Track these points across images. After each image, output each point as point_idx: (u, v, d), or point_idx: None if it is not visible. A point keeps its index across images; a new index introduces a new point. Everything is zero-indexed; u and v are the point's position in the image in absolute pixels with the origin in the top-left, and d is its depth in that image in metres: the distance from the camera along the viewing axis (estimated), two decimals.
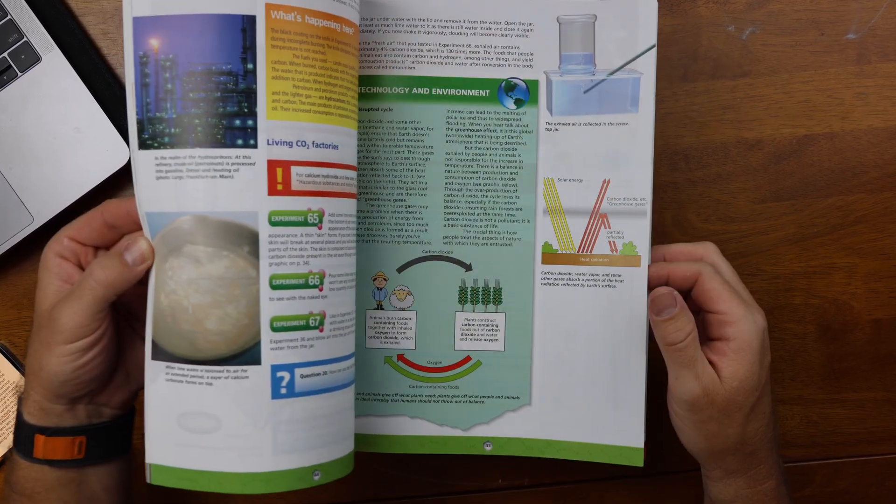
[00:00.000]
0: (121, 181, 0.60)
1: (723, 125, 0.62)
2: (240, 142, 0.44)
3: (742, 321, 0.48)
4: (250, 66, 0.44)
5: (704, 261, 0.52)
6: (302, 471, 0.46)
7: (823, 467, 0.66)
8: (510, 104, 0.54)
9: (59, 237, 0.47)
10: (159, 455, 0.46)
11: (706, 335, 0.50)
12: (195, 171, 0.44)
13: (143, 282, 0.46)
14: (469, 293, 0.55)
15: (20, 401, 0.47)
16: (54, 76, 0.58)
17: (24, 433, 0.47)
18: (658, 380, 0.54)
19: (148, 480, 0.46)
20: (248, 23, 0.43)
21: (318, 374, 0.46)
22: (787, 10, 0.62)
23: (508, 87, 0.54)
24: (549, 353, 0.55)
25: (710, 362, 0.48)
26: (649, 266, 0.53)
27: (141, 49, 0.44)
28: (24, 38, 0.57)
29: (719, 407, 0.48)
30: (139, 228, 0.46)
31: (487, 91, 0.54)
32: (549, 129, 0.54)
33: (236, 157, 0.44)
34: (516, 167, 0.54)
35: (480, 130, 0.54)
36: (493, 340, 0.55)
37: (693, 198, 0.63)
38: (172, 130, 0.44)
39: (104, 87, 0.59)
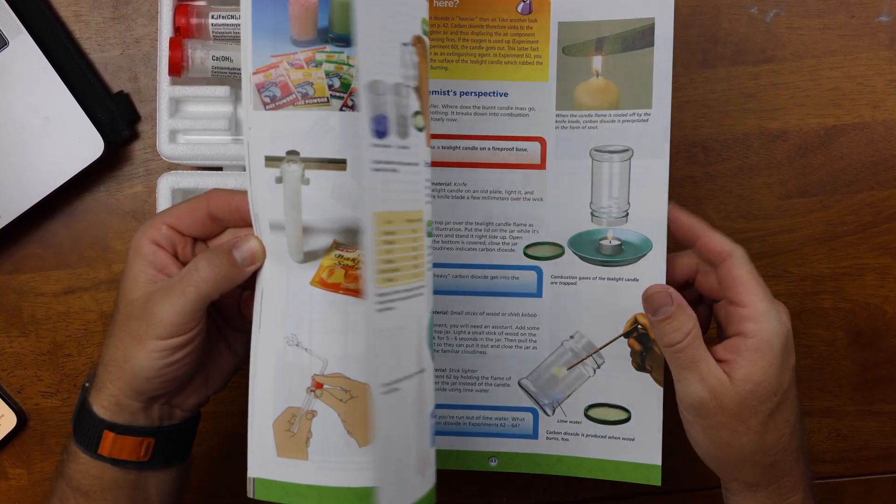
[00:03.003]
0: (95, 175, 0.59)
1: (745, 115, 0.61)
2: None
3: (764, 318, 0.46)
4: None
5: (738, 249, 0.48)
6: None
7: (854, 484, 0.65)
8: None
9: (155, 223, 0.46)
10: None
11: (724, 329, 0.48)
12: None
13: (240, 285, 0.45)
14: None
15: (86, 389, 0.46)
16: (23, 62, 0.56)
17: (91, 426, 0.45)
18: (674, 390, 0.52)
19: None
20: None
21: None
22: None
23: None
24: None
25: (724, 360, 0.46)
26: (679, 214, 0.49)
27: None
28: None
29: (730, 412, 0.46)
30: (247, 225, 0.45)
31: None
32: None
33: None
34: None
35: None
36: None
37: (713, 193, 0.61)
38: None
39: (76, 73, 0.57)
